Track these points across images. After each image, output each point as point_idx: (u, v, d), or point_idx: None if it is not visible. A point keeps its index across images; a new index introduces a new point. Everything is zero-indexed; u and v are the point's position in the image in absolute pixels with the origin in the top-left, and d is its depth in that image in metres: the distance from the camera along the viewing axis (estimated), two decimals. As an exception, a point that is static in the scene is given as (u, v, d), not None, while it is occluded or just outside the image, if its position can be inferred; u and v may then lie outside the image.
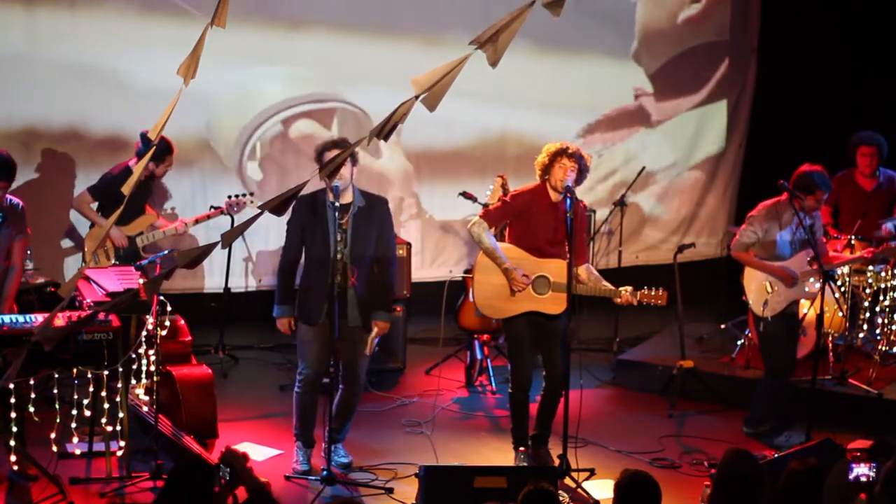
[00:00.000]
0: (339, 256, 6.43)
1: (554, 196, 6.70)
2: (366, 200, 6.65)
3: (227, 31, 8.92)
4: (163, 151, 7.91)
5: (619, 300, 6.68)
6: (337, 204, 6.41)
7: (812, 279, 8.21)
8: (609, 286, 6.71)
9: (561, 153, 6.61)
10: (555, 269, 6.68)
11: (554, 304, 6.69)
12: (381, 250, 6.68)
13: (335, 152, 6.42)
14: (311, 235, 6.59)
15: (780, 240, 7.21)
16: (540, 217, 6.70)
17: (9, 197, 6.77)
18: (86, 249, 8.01)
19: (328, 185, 6.47)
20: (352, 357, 6.70)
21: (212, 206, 8.34)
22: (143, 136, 7.86)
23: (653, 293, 6.69)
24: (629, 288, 6.68)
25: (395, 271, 6.82)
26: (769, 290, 7.23)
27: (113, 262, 7.92)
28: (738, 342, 8.51)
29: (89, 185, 8.11)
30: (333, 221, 6.48)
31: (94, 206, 8.04)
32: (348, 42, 9.47)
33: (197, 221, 8.25)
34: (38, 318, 6.34)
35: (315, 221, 6.55)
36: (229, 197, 8.33)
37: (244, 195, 8.36)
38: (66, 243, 8.98)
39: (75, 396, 6.17)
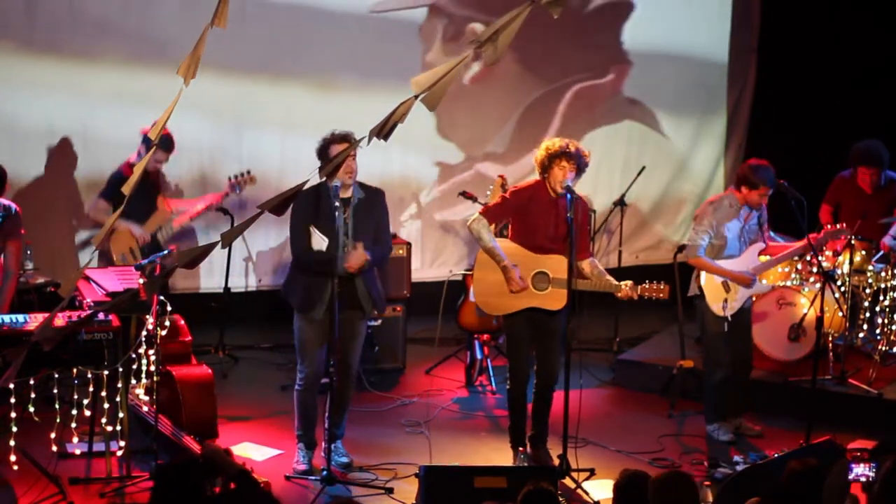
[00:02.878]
0: (344, 249, 6.45)
1: (553, 193, 6.69)
2: (365, 192, 6.66)
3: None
4: (159, 146, 7.90)
5: (619, 294, 6.68)
6: (337, 203, 6.42)
7: (805, 281, 8.23)
8: (611, 281, 6.72)
9: (560, 155, 6.59)
10: (554, 264, 6.68)
11: (554, 299, 6.68)
12: (379, 237, 6.70)
13: (342, 146, 6.40)
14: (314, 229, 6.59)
15: (730, 234, 7.22)
16: (540, 214, 6.69)
17: (2, 201, 6.75)
18: (113, 255, 8.00)
19: (328, 185, 6.48)
20: (346, 348, 6.70)
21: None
22: (146, 138, 7.85)
23: (654, 287, 6.69)
24: (630, 282, 6.68)
25: (388, 254, 6.83)
26: (727, 290, 7.24)
27: (140, 260, 7.94)
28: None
29: (100, 192, 8.08)
30: (338, 217, 6.47)
31: (110, 210, 8.00)
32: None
33: (208, 208, 8.26)
34: (38, 317, 6.34)
35: (318, 216, 6.54)
36: (230, 178, 8.32)
37: (247, 173, 8.34)
38: (67, 242, 9.00)
39: (75, 396, 6.17)
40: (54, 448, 6.30)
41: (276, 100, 9.42)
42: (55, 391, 6.26)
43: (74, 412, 6.16)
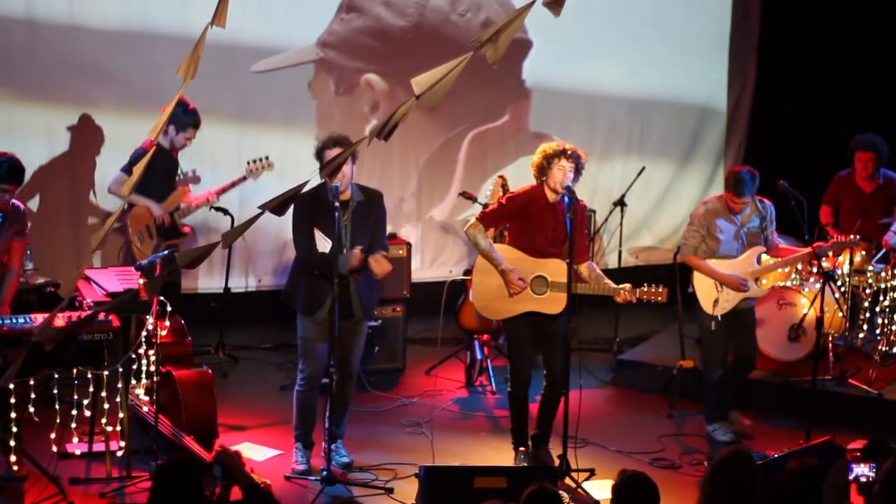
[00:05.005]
0: (343, 252, 6.45)
1: (552, 196, 6.69)
2: (364, 195, 6.66)
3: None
4: (188, 123, 7.90)
5: (618, 298, 6.68)
6: (337, 204, 6.41)
7: (805, 281, 8.24)
8: (610, 284, 6.72)
9: (559, 155, 6.59)
10: (553, 268, 6.68)
11: (553, 303, 6.68)
12: (376, 239, 6.69)
13: (336, 150, 6.43)
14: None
15: (723, 236, 7.23)
16: (538, 218, 6.69)
17: (11, 200, 6.77)
18: (130, 231, 8.00)
19: (328, 185, 6.47)
20: (347, 348, 6.70)
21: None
22: (181, 103, 7.77)
23: (652, 290, 6.69)
24: (628, 286, 6.68)
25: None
26: (719, 289, 7.25)
27: (156, 239, 7.94)
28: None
29: (122, 167, 8.03)
30: (338, 219, 6.46)
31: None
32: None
33: (223, 191, 8.19)
34: (38, 318, 6.34)
35: (319, 218, 6.54)
36: (249, 162, 8.22)
37: (265, 158, 8.25)
38: (67, 242, 9.01)
39: (75, 396, 6.17)
40: (54, 448, 6.30)
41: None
42: (55, 391, 6.26)
43: (74, 412, 6.16)
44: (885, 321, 8.30)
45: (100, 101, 8.97)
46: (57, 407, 6.28)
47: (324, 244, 6.54)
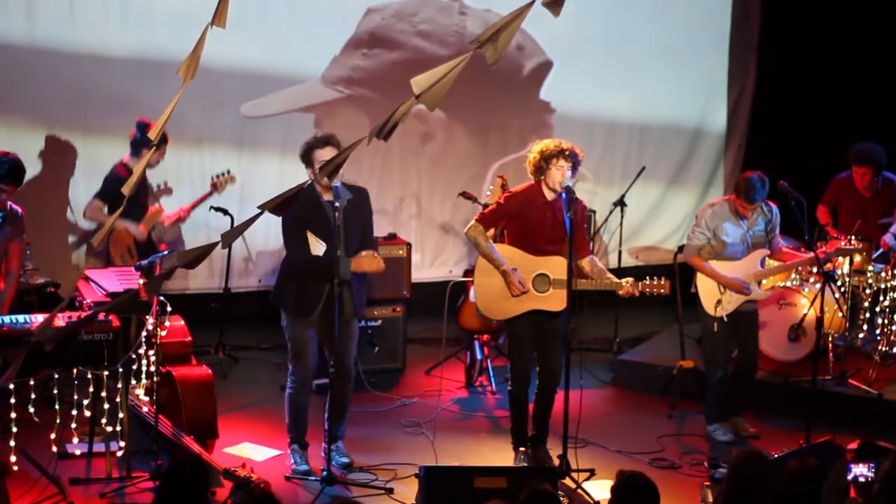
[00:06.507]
0: (338, 252, 6.44)
1: (549, 195, 6.69)
2: (352, 193, 6.64)
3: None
4: (159, 141, 7.94)
5: (621, 292, 6.68)
6: (337, 204, 6.40)
7: (805, 282, 8.24)
8: (613, 279, 6.72)
9: (557, 155, 6.56)
10: (554, 266, 6.68)
11: (556, 301, 6.68)
12: (366, 236, 6.69)
13: (328, 149, 6.41)
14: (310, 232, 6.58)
15: (729, 238, 7.23)
16: (536, 217, 6.69)
17: (8, 202, 6.78)
18: (114, 256, 8.03)
19: (327, 185, 6.46)
20: (341, 349, 6.67)
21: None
22: (140, 126, 7.89)
23: (655, 283, 6.70)
24: (631, 279, 6.68)
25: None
26: (721, 290, 7.25)
27: (137, 258, 7.96)
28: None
29: (95, 193, 8.09)
30: (332, 219, 6.45)
31: (106, 210, 8.03)
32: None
33: (193, 206, 8.35)
34: (38, 318, 6.34)
35: (313, 219, 6.52)
36: (213, 177, 8.43)
37: (227, 172, 8.44)
38: (67, 242, 9.00)
39: (75, 396, 6.17)
40: (54, 448, 6.30)
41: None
42: (55, 391, 6.27)
43: (74, 412, 6.16)
44: (885, 321, 8.30)
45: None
46: (57, 407, 6.29)
47: (318, 247, 6.52)
